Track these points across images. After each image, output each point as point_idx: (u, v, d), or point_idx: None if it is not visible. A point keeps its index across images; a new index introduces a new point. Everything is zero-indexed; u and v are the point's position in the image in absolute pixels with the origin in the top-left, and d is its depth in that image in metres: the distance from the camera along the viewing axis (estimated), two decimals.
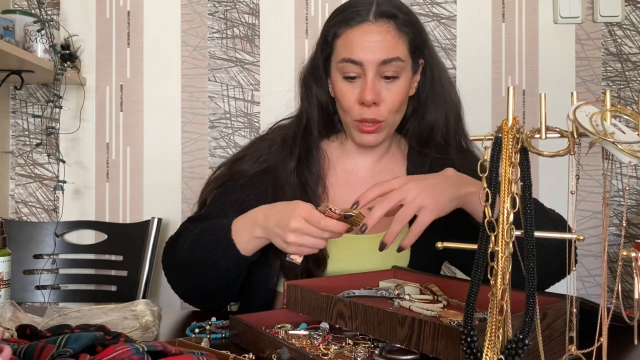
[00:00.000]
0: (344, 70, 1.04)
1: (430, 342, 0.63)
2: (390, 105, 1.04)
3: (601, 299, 0.49)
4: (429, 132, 1.13)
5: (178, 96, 1.90)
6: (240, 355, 0.65)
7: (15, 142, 1.93)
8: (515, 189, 0.50)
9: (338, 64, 1.04)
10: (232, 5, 1.89)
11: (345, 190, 1.14)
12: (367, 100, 1.01)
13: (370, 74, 1.01)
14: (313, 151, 1.12)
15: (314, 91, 1.12)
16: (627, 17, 1.83)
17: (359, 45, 1.01)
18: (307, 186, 1.09)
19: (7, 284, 0.99)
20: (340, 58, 1.03)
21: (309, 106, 1.13)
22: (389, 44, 1.01)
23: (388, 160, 1.17)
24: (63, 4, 1.91)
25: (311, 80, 1.13)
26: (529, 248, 0.50)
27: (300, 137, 1.12)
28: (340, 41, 1.04)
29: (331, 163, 1.15)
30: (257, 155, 1.14)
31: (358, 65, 1.01)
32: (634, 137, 0.48)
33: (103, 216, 1.90)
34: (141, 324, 0.82)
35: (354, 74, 1.03)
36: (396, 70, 1.03)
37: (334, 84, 1.08)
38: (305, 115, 1.14)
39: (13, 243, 1.67)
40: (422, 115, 1.12)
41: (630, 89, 1.83)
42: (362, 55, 1.01)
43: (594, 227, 1.82)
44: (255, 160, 1.13)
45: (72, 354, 0.56)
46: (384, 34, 1.01)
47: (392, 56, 1.01)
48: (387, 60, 1.01)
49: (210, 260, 0.99)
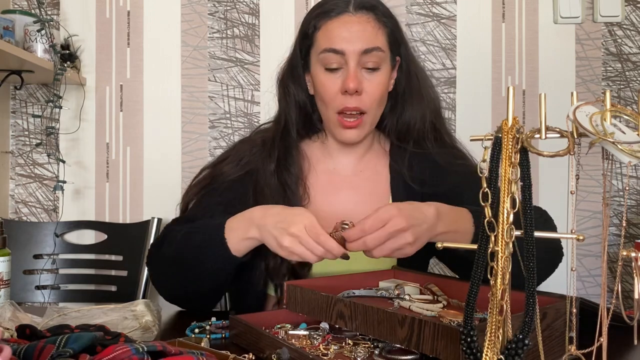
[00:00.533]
0: (325, 62, 1.04)
1: (430, 342, 0.63)
2: (372, 95, 1.04)
3: (601, 299, 0.49)
4: (407, 128, 1.13)
5: (178, 96, 1.90)
6: (240, 355, 0.65)
7: (15, 142, 1.93)
8: (515, 189, 0.50)
9: (319, 56, 1.04)
10: (232, 5, 1.89)
11: (328, 191, 1.14)
12: (350, 88, 1.01)
13: (352, 63, 1.02)
14: (292, 152, 1.12)
15: (292, 90, 1.12)
16: (627, 17, 1.83)
17: (339, 35, 1.02)
18: (287, 187, 1.09)
19: (7, 284, 0.99)
20: (322, 49, 1.04)
21: (286, 106, 1.13)
22: (369, 34, 1.03)
23: (370, 158, 1.17)
24: (63, 4, 1.91)
25: (289, 80, 1.13)
26: (529, 248, 0.50)
27: (279, 139, 1.12)
28: (321, 33, 1.05)
29: (312, 164, 1.15)
30: (238, 158, 1.14)
31: (340, 54, 1.02)
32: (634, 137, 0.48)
33: (103, 216, 1.90)
34: (141, 324, 0.82)
35: (335, 64, 1.03)
36: (377, 61, 1.03)
37: (315, 77, 1.07)
38: (284, 116, 1.13)
39: (13, 243, 1.67)
40: (400, 111, 1.12)
41: (630, 89, 1.83)
42: (344, 45, 1.02)
43: (594, 227, 1.82)
44: (236, 163, 1.13)
45: (72, 354, 0.56)
46: (364, 24, 1.03)
47: (372, 45, 1.02)
48: (368, 49, 1.02)
49: (199, 260, 0.98)
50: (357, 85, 1.02)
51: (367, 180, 1.16)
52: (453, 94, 1.86)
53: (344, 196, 1.14)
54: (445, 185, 1.10)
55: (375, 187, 1.15)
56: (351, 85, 1.01)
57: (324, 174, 1.16)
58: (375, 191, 1.15)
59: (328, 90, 1.05)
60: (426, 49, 1.87)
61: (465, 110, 1.86)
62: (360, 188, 1.15)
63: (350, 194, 1.15)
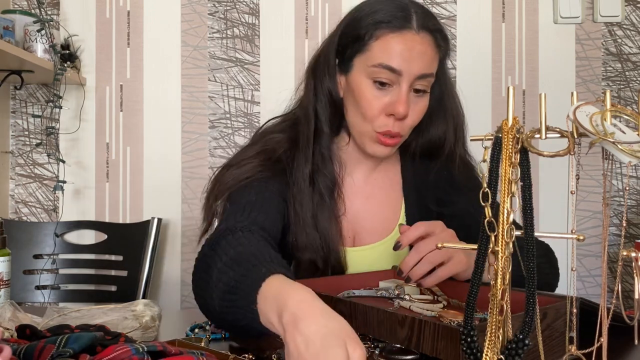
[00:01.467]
0: (376, 75, 0.95)
1: (430, 342, 0.63)
2: (414, 120, 0.99)
3: (601, 299, 0.49)
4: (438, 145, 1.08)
5: (178, 96, 1.90)
6: (240, 356, 0.65)
7: (15, 142, 1.93)
8: (515, 189, 0.50)
9: (370, 67, 0.96)
10: (232, 5, 1.89)
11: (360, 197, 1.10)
12: (400, 113, 0.95)
13: (405, 86, 0.95)
14: (325, 152, 1.03)
15: (326, 85, 1.02)
16: (627, 17, 1.83)
17: (401, 53, 0.94)
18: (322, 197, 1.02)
19: (7, 284, 0.99)
20: (377, 62, 0.95)
21: (317, 102, 1.03)
22: (429, 59, 0.96)
23: (383, 168, 1.13)
24: (63, 4, 1.91)
25: (324, 75, 1.03)
26: (529, 248, 0.50)
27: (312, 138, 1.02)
28: (379, 44, 0.95)
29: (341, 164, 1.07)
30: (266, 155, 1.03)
31: (396, 74, 0.94)
32: (634, 137, 0.48)
33: (103, 216, 1.90)
34: (141, 324, 0.82)
35: (387, 80, 0.95)
36: (427, 85, 0.98)
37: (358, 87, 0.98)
38: (313, 111, 1.03)
39: (13, 243, 1.67)
40: (426, 128, 1.07)
41: (630, 89, 1.83)
42: (403, 65, 0.94)
43: (594, 227, 1.82)
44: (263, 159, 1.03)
45: (72, 354, 0.56)
46: (425, 46, 0.96)
47: (429, 71, 0.97)
48: (424, 75, 0.96)
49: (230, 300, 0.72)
50: (407, 110, 0.96)
51: (380, 189, 1.12)
52: None
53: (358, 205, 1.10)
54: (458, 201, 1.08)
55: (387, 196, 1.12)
56: (402, 110, 0.95)
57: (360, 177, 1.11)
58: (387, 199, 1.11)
59: (373, 107, 0.97)
60: None
61: (465, 110, 1.86)
62: (373, 197, 1.11)
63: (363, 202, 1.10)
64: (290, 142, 1.04)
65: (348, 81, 1.00)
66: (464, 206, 1.05)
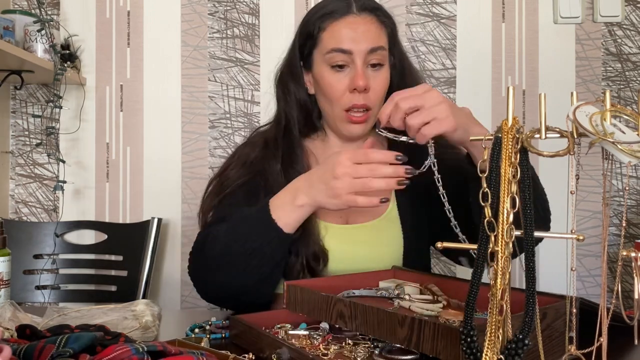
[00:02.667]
0: (332, 61, 1.06)
1: (430, 342, 0.63)
2: (377, 92, 1.07)
3: (601, 299, 0.49)
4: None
5: (178, 96, 1.90)
6: (240, 355, 0.65)
7: (15, 142, 1.93)
8: (515, 189, 0.50)
9: (325, 55, 1.07)
10: (232, 5, 1.89)
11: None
12: (359, 86, 1.04)
13: (359, 62, 1.05)
14: (296, 150, 1.13)
15: (292, 89, 1.14)
16: (627, 17, 1.83)
17: (347, 35, 1.05)
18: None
19: (7, 284, 0.99)
20: (329, 49, 1.06)
21: (286, 106, 1.15)
22: (374, 34, 1.07)
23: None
24: (63, 4, 1.91)
25: (289, 79, 1.15)
26: (529, 248, 0.50)
27: (281, 137, 1.13)
28: (327, 33, 1.07)
29: (317, 160, 1.16)
30: (241, 162, 1.14)
31: (347, 54, 1.05)
32: (633, 137, 0.48)
33: (103, 216, 1.90)
34: (141, 324, 0.82)
35: (342, 63, 1.06)
36: (381, 59, 1.07)
37: (319, 76, 1.09)
38: (284, 115, 1.15)
39: (13, 243, 1.67)
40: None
41: (630, 89, 1.83)
42: (351, 45, 1.05)
43: (594, 227, 1.82)
44: (241, 166, 1.13)
45: (72, 354, 0.56)
46: (368, 24, 1.07)
47: (377, 45, 1.06)
48: (374, 48, 1.05)
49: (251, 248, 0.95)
50: (366, 83, 1.04)
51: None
52: (453, 94, 1.86)
53: None
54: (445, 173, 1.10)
55: None
56: (360, 83, 1.04)
57: None
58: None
59: (335, 89, 1.07)
60: (426, 49, 1.87)
61: None
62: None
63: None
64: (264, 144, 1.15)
65: (313, 76, 1.12)
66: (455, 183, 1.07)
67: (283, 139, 1.13)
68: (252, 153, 1.15)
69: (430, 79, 1.87)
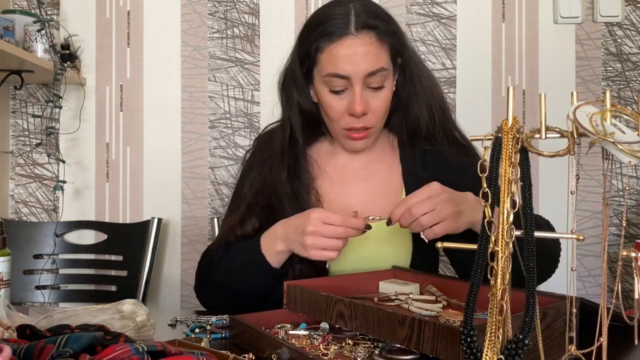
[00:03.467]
0: (330, 85, 1.04)
1: (430, 342, 0.63)
2: (377, 113, 1.07)
3: (601, 299, 0.49)
4: (415, 126, 1.14)
5: (178, 96, 1.90)
6: (240, 355, 0.65)
7: (15, 142, 1.93)
8: (515, 189, 0.50)
9: (324, 78, 1.05)
10: (232, 5, 1.89)
11: (339, 187, 1.16)
12: (357, 112, 1.03)
13: (358, 87, 1.02)
14: (300, 160, 1.14)
15: (295, 98, 1.12)
16: (627, 17, 1.83)
17: (344, 59, 1.01)
18: (299, 196, 1.11)
19: (7, 284, 0.99)
20: (326, 73, 1.04)
21: (291, 113, 1.14)
22: (373, 56, 1.02)
23: (379, 152, 1.19)
24: (63, 4, 1.91)
25: (292, 88, 1.13)
26: (529, 248, 0.50)
27: (287, 147, 1.13)
28: (324, 56, 1.04)
29: (320, 166, 1.17)
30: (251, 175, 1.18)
31: (345, 79, 1.03)
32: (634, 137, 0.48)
33: (103, 216, 1.90)
34: (136, 323, 0.82)
35: (341, 87, 1.04)
36: (381, 80, 1.04)
37: (320, 95, 1.08)
38: (289, 122, 1.14)
39: (13, 243, 1.67)
40: (405, 110, 1.14)
41: (630, 89, 1.83)
42: (349, 70, 1.02)
43: (594, 227, 1.82)
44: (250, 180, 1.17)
45: (72, 354, 0.56)
46: (367, 46, 1.02)
47: (377, 67, 1.02)
48: (372, 72, 1.02)
49: (244, 277, 1.03)
50: (363, 108, 1.04)
51: (377, 172, 1.18)
52: (453, 94, 1.86)
53: (356, 189, 1.16)
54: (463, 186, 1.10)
55: (386, 179, 1.17)
56: (358, 109, 1.03)
57: (334, 171, 1.17)
58: (387, 183, 1.16)
59: (334, 111, 1.07)
60: (426, 49, 1.87)
61: (465, 110, 1.86)
62: (372, 180, 1.17)
63: (361, 186, 1.17)
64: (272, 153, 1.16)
65: (314, 89, 1.10)
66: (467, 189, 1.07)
67: (289, 149, 1.13)
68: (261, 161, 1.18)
69: None
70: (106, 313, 0.86)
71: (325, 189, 1.15)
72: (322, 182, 1.15)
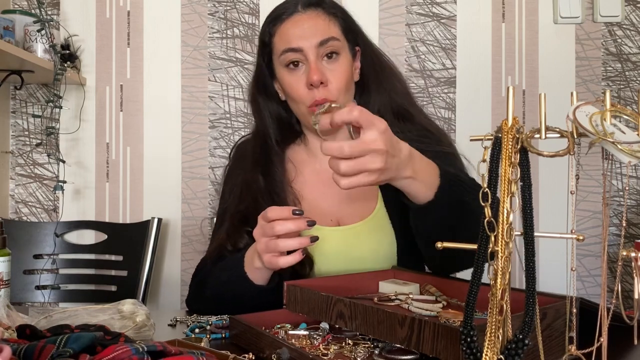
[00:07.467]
0: (286, 61, 1.08)
1: (430, 342, 0.63)
2: (337, 84, 1.07)
3: (601, 299, 0.49)
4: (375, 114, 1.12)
5: (178, 96, 1.90)
6: (240, 355, 0.65)
7: (15, 142, 1.93)
8: (515, 189, 0.50)
9: (280, 58, 1.08)
10: (232, 5, 1.89)
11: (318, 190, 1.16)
12: (314, 81, 1.04)
13: (312, 57, 1.05)
14: (273, 159, 1.15)
15: (262, 104, 1.17)
16: (627, 17, 1.83)
17: (294, 34, 1.07)
18: (275, 194, 1.12)
19: (7, 284, 0.99)
20: (281, 51, 1.08)
21: (261, 121, 1.18)
22: (322, 27, 1.07)
23: None
24: (63, 4, 1.91)
25: (257, 94, 1.17)
26: (528, 248, 0.50)
27: (259, 150, 1.16)
28: (277, 37, 1.10)
29: (297, 167, 1.17)
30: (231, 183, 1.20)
31: (298, 52, 1.06)
32: (634, 137, 0.48)
33: (103, 216, 1.90)
34: (137, 323, 0.82)
35: (296, 59, 1.07)
36: (335, 48, 1.07)
37: (281, 80, 1.11)
38: (262, 129, 1.18)
39: (13, 243, 1.67)
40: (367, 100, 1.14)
41: (630, 89, 1.83)
42: (300, 42, 1.06)
43: (594, 227, 1.82)
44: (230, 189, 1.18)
45: (72, 354, 0.56)
46: (314, 19, 1.08)
47: (327, 36, 1.06)
48: (323, 40, 1.06)
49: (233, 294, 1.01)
50: (320, 77, 1.04)
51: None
52: (453, 94, 1.86)
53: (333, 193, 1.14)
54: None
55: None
56: (315, 77, 1.04)
57: (311, 175, 1.17)
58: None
59: (295, 88, 1.08)
60: (426, 49, 1.87)
61: (465, 110, 1.86)
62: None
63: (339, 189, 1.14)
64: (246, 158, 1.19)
65: (278, 82, 1.13)
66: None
67: (261, 150, 1.16)
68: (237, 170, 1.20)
69: (430, 79, 1.87)
70: (106, 313, 0.86)
71: (303, 191, 1.15)
72: (299, 184, 1.16)
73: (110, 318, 0.84)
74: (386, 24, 1.87)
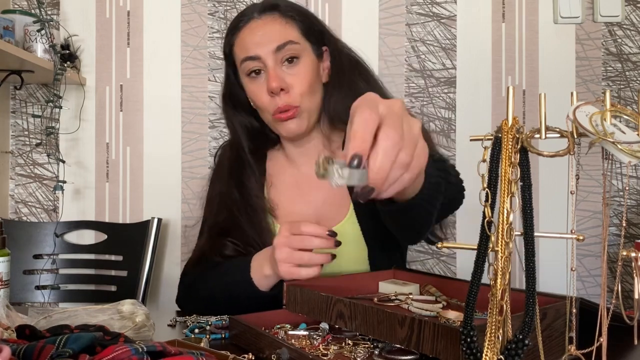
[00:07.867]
0: (247, 69, 1.06)
1: (430, 342, 0.63)
2: (299, 89, 1.05)
3: (601, 299, 0.49)
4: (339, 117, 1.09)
5: (178, 96, 1.90)
6: (240, 356, 0.65)
7: (15, 142, 1.93)
8: (515, 189, 0.50)
9: (241, 67, 1.08)
10: (232, 5, 1.89)
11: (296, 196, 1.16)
12: (273, 88, 1.02)
13: (270, 63, 1.04)
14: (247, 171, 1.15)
15: (232, 116, 1.17)
16: (627, 17, 1.83)
17: (251, 41, 1.05)
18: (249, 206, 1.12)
19: (7, 285, 0.99)
20: (241, 60, 1.07)
21: (234, 133, 1.18)
22: (278, 31, 1.05)
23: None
24: (63, 4, 1.91)
25: (228, 106, 1.17)
26: (528, 248, 0.50)
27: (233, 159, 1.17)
28: (236, 47, 1.09)
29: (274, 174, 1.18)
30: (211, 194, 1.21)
31: (257, 60, 1.05)
32: (634, 137, 0.48)
33: (103, 216, 1.90)
34: (136, 323, 0.82)
35: (256, 67, 1.06)
36: (293, 52, 1.05)
37: (246, 89, 1.10)
38: (236, 139, 1.18)
39: (13, 243, 1.67)
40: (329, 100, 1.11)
41: (630, 89, 1.83)
42: (257, 49, 1.04)
43: (594, 227, 1.82)
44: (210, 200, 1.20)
45: (72, 354, 0.56)
46: (270, 24, 1.06)
47: (284, 41, 1.04)
48: (280, 45, 1.04)
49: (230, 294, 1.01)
50: (280, 83, 1.03)
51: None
52: (453, 94, 1.86)
53: (311, 197, 1.15)
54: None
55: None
56: (273, 84, 1.02)
57: (290, 180, 1.18)
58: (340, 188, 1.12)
59: (258, 96, 1.07)
60: (426, 49, 1.87)
61: (465, 110, 1.86)
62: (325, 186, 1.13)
63: (317, 194, 1.15)
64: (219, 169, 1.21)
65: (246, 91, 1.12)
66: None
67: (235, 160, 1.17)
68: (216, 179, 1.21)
69: (430, 79, 1.87)
70: (106, 313, 0.86)
71: (279, 197, 1.15)
72: (277, 188, 1.16)
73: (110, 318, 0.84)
74: (386, 24, 1.87)
